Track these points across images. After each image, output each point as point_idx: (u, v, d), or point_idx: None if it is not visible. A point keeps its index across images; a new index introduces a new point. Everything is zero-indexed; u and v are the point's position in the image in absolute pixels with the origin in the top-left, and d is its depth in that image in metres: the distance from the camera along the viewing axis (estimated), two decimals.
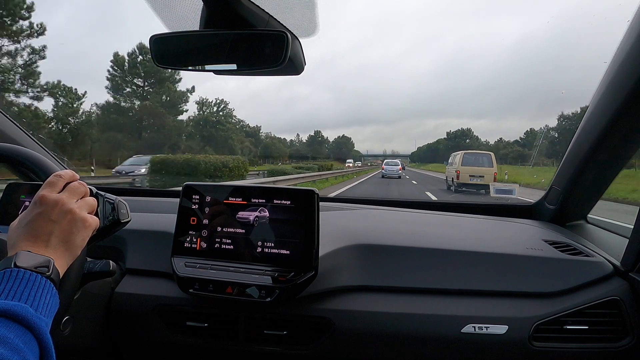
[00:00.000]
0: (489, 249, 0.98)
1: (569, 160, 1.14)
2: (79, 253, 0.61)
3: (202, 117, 40.99)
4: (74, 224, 0.60)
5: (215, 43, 0.78)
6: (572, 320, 0.86)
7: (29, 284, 0.51)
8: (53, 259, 0.56)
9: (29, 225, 0.57)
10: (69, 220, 0.59)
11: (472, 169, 11.57)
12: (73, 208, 0.60)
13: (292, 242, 0.85)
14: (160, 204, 1.30)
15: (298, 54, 0.78)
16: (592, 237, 1.16)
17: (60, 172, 0.65)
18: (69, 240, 0.59)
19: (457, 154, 12.46)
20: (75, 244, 0.60)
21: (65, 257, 0.59)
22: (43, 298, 0.51)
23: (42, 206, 0.59)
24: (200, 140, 39.15)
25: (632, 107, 0.88)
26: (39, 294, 0.51)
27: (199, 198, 0.91)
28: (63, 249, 0.58)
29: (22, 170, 1.31)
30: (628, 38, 0.85)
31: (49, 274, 0.54)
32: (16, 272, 0.51)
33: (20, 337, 0.45)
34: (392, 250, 0.96)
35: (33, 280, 0.52)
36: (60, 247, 0.58)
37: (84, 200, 0.65)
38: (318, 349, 0.88)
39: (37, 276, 0.52)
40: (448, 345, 0.86)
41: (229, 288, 0.82)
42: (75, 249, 0.61)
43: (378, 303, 0.89)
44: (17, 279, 0.51)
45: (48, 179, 0.63)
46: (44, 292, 0.52)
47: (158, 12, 0.78)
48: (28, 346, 0.45)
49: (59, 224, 0.58)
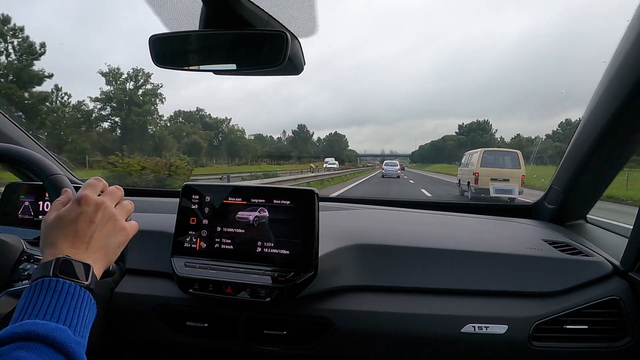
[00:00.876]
0: (489, 249, 0.98)
1: (568, 160, 1.14)
2: (113, 260, 0.59)
3: (114, 95, 28.58)
4: (114, 230, 0.58)
5: (214, 43, 0.78)
6: (572, 320, 0.86)
7: (68, 298, 0.48)
8: (92, 265, 0.53)
9: (70, 225, 0.55)
10: (110, 225, 0.58)
11: (494, 170, 9.31)
12: (115, 213, 0.59)
13: (291, 242, 0.85)
14: (160, 204, 1.30)
15: (298, 53, 0.78)
16: (591, 236, 1.16)
17: (97, 177, 0.64)
18: (107, 245, 0.57)
19: (474, 153, 10.41)
20: (113, 250, 0.58)
21: (103, 263, 0.56)
22: (82, 315, 0.48)
23: (85, 206, 0.56)
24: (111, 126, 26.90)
25: (632, 106, 0.88)
26: (77, 309, 0.48)
27: (198, 198, 0.91)
28: (102, 253, 0.56)
29: (21, 170, 1.31)
30: (628, 38, 0.85)
31: (88, 284, 0.51)
32: (55, 282, 0.48)
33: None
34: (392, 250, 0.96)
35: (72, 292, 0.48)
36: (100, 251, 0.56)
37: (121, 205, 0.63)
38: (318, 348, 0.88)
39: (76, 288, 0.49)
40: (448, 345, 0.86)
41: (228, 288, 0.82)
42: (112, 256, 0.58)
43: (378, 303, 0.89)
44: (56, 291, 0.47)
45: (88, 180, 0.61)
46: (83, 307, 0.49)
47: (157, 11, 0.78)
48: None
49: (100, 228, 0.56)
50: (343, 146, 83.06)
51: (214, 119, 51.76)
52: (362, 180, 18.43)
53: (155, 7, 0.77)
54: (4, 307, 0.65)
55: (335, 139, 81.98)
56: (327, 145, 79.39)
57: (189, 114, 48.96)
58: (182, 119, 46.48)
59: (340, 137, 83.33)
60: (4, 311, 0.64)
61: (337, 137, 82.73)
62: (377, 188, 14.19)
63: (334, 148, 77.80)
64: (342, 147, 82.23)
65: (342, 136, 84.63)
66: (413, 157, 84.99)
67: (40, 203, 0.99)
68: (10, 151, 0.71)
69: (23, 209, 1.00)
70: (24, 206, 1.00)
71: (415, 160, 79.65)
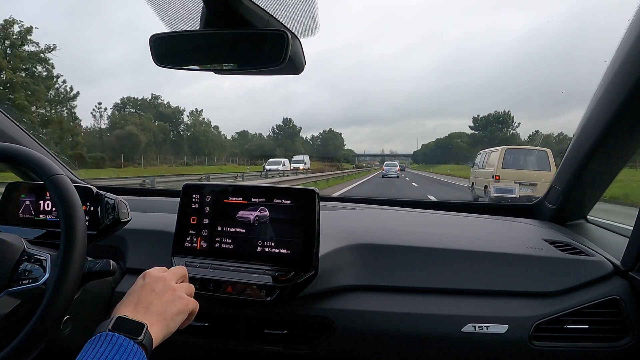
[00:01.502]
0: (489, 249, 0.98)
1: (569, 159, 1.14)
2: (172, 329, 0.63)
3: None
4: (174, 300, 0.64)
5: (215, 42, 0.78)
6: (572, 320, 0.86)
7: (120, 350, 0.52)
8: (148, 324, 0.57)
9: (132, 294, 0.63)
10: (170, 295, 0.64)
11: (519, 173, 7.54)
12: (174, 286, 0.66)
13: (292, 241, 0.85)
14: (160, 203, 1.30)
15: (298, 53, 0.78)
16: (592, 236, 1.16)
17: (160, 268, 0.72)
18: (166, 312, 0.62)
19: (493, 152, 8.53)
20: (172, 318, 0.63)
21: (161, 327, 0.60)
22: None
23: (147, 279, 0.65)
24: None
25: (632, 106, 0.88)
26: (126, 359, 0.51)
27: (199, 198, 0.91)
28: (160, 317, 0.61)
29: (22, 169, 1.31)
30: (628, 37, 0.85)
31: (141, 340, 0.54)
32: (110, 336, 0.53)
33: None
34: (392, 250, 0.96)
35: (125, 346, 0.52)
36: (158, 315, 0.61)
37: (184, 283, 0.71)
38: (318, 348, 0.88)
39: (129, 342, 0.53)
40: (448, 345, 0.86)
41: (229, 287, 0.82)
42: (171, 324, 0.63)
43: (378, 303, 0.89)
44: (109, 344, 0.52)
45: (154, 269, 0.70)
46: (134, 358, 0.52)
47: (158, 11, 0.78)
48: None
49: (159, 296, 0.63)
50: (339, 144, 75.17)
51: (173, 108, 43.55)
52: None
53: (156, 7, 0.77)
54: (4, 307, 0.65)
55: (329, 137, 73.53)
56: (322, 143, 71.96)
57: (142, 103, 41.87)
58: (132, 107, 40.33)
59: (335, 135, 75.04)
60: (4, 311, 0.64)
61: (332, 135, 74.34)
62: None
63: (328, 147, 70.42)
64: (338, 146, 74.26)
65: (337, 134, 76.56)
66: (415, 156, 77.12)
67: (41, 202, 0.99)
68: (11, 150, 0.71)
69: (24, 209, 1.00)
70: (25, 205, 1.00)
71: (417, 161, 72.19)
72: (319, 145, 71.57)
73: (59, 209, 0.66)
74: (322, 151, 67.50)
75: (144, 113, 40.11)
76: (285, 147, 58.24)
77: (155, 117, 41.37)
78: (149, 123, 37.35)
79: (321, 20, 0.76)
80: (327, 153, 65.06)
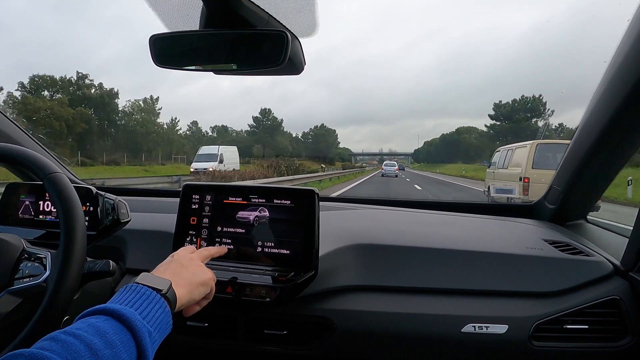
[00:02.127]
0: (489, 249, 0.98)
1: (569, 159, 1.14)
2: (197, 298, 0.67)
3: None
4: (199, 271, 0.69)
5: (215, 43, 0.78)
6: (572, 320, 0.86)
7: (142, 297, 0.55)
8: (172, 282, 0.60)
9: (164, 265, 0.67)
10: (197, 268, 0.69)
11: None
12: (201, 264, 0.71)
13: (292, 241, 0.85)
14: (160, 204, 1.30)
15: (298, 53, 0.78)
16: (592, 236, 1.16)
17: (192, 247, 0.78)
18: (192, 279, 0.66)
19: (519, 148, 6.97)
20: (197, 286, 0.66)
21: (186, 291, 0.63)
22: (153, 311, 0.54)
23: (176, 256, 0.70)
24: None
25: (632, 106, 0.88)
26: (149, 306, 0.54)
27: (199, 198, 0.91)
28: (186, 282, 0.64)
29: (21, 169, 1.31)
30: (628, 37, 0.85)
31: (165, 292, 0.58)
32: (135, 286, 0.56)
33: (118, 335, 0.47)
34: (392, 250, 0.96)
35: (147, 294, 0.55)
36: (184, 280, 0.64)
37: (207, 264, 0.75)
38: (318, 348, 0.88)
39: (151, 292, 0.56)
40: (448, 345, 0.86)
41: (229, 288, 0.82)
42: (195, 291, 0.66)
43: (378, 303, 0.89)
44: (133, 292, 0.55)
45: (187, 246, 0.76)
46: (155, 306, 0.55)
47: (157, 11, 0.78)
48: (124, 345, 0.47)
49: (187, 268, 0.67)
50: (331, 142, 66.65)
51: (105, 90, 33.15)
52: None
53: (156, 7, 0.77)
54: (6, 306, 0.65)
55: (321, 134, 65.21)
56: (313, 140, 64.13)
57: (63, 83, 32.20)
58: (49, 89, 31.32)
59: (328, 132, 66.75)
60: (5, 310, 0.64)
61: (324, 132, 65.79)
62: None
63: (319, 144, 62.16)
64: (330, 144, 65.73)
65: (331, 131, 67.77)
66: (417, 155, 69.27)
67: (40, 203, 0.99)
68: (8, 150, 0.71)
69: (23, 209, 1.00)
70: (25, 206, 1.00)
71: (419, 160, 64.82)
72: (310, 143, 63.71)
73: (58, 206, 0.66)
74: (313, 149, 59.27)
75: (59, 95, 31.24)
76: (265, 144, 50.09)
77: (77, 100, 31.85)
78: (60, 108, 28.01)
79: (321, 18, 0.76)
80: (319, 152, 57.95)
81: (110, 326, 0.47)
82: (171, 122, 44.27)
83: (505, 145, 8.02)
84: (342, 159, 58.45)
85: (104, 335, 0.46)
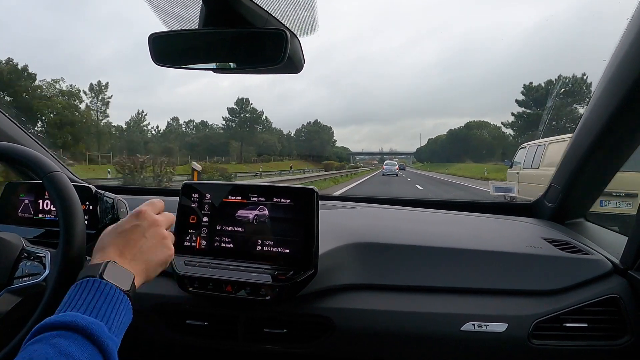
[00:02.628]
0: (489, 247, 0.98)
1: (568, 158, 1.14)
2: (152, 277, 0.62)
3: None
4: (161, 248, 0.63)
5: (214, 41, 0.78)
6: (572, 318, 0.87)
7: (107, 298, 0.51)
8: (135, 274, 0.57)
9: (124, 233, 0.60)
10: (159, 243, 0.63)
11: (624, 176, 3.72)
12: (165, 233, 0.65)
13: (291, 240, 0.85)
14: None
15: (297, 52, 0.78)
16: (591, 235, 1.17)
17: (160, 199, 0.70)
18: (150, 262, 0.61)
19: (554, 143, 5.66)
20: (154, 267, 0.62)
21: (142, 276, 0.60)
22: (119, 316, 0.51)
23: (141, 220, 0.62)
24: None
25: (632, 105, 0.88)
26: (115, 310, 0.51)
27: (198, 197, 0.91)
28: (143, 267, 0.60)
29: (21, 169, 1.31)
30: (627, 36, 0.85)
31: (128, 291, 0.55)
32: (101, 284, 0.52)
33: (85, 353, 0.44)
34: (392, 249, 0.96)
35: (113, 295, 0.52)
36: (142, 264, 0.60)
37: (169, 232, 0.68)
38: (318, 347, 0.88)
39: (118, 292, 0.53)
40: (448, 344, 0.86)
41: (228, 286, 0.82)
42: (152, 272, 0.62)
43: (378, 301, 0.89)
44: (98, 291, 0.51)
45: (151, 199, 0.68)
46: (120, 309, 0.52)
47: (157, 10, 0.78)
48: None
49: (149, 242, 0.61)
50: (326, 140, 58.68)
51: (11, 65, 25.77)
52: None
53: (155, 6, 0.77)
54: (5, 305, 0.65)
55: (315, 130, 56.81)
56: (306, 138, 55.79)
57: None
58: None
59: (322, 129, 58.38)
60: (5, 309, 0.64)
61: (318, 129, 57.37)
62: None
63: (313, 142, 54.17)
64: (326, 142, 58.22)
65: (325, 127, 59.95)
66: (419, 154, 63.04)
67: (40, 202, 0.99)
68: (8, 149, 0.71)
69: (23, 208, 1.00)
70: (24, 205, 1.00)
71: (422, 159, 58.96)
72: (303, 141, 55.47)
73: (57, 205, 0.66)
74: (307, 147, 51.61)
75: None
76: (242, 139, 41.27)
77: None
78: None
79: (320, 16, 0.75)
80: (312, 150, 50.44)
81: (80, 349, 0.44)
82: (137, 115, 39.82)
83: (532, 141, 6.63)
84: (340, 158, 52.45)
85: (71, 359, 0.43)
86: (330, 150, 58.03)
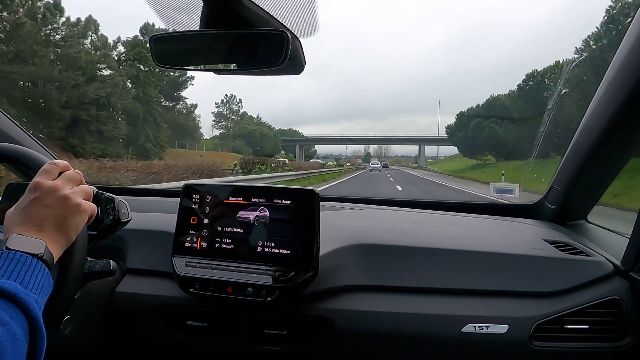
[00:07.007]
0: (490, 249, 0.97)
1: (569, 159, 1.13)
2: (73, 237, 0.61)
3: None
4: (69, 210, 0.60)
5: (215, 43, 0.78)
6: (573, 320, 0.86)
7: (19, 264, 0.51)
8: (46, 242, 0.56)
9: (23, 210, 0.58)
10: (63, 206, 0.60)
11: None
12: (67, 194, 0.61)
13: (292, 241, 0.85)
14: (160, 203, 1.30)
15: (298, 53, 0.78)
16: (592, 236, 1.16)
17: (55, 160, 0.66)
18: (62, 225, 0.59)
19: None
20: (69, 228, 0.60)
21: (60, 242, 0.59)
22: (34, 277, 0.52)
23: (37, 192, 0.59)
24: None
25: (633, 106, 0.88)
26: (29, 273, 0.52)
27: (199, 198, 0.91)
28: (56, 233, 0.58)
29: (21, 168, 1.31)
30: (629, 37, 0.85)
31: (41, 255, 0.54)
32: (7, 253, 0.52)
33: (7, 311, 0.45)
34: (392, 250, 0.96)
35: (23, 260, 0.52)
36: (54, 231, 0.58)
37: (79, 187, 0.65)
38: (318, 348, 0.88)
39: (27, 257, 0.53)
40: (448, 345, 0.86)
41: (229, 287, 0.82)
42: (70, 233, 0.61)
43: (378, 303, 0.89)
44: (7, 260, 0.51)
45: (43, 166, 0.64)
46: (35, 272, 0.52)
47: (158, 11, 0.78)
48: (15, 320, 0.46)
49: (53, 209, 0.59)
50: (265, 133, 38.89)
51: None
52: None
53: (156, 7, 0.77)
54: None
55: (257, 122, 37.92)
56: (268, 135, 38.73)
57: None
58: None
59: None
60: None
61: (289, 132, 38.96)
62: None
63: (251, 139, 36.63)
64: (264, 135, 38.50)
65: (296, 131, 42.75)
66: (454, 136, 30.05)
67: None
68: (8, 149, 0.71)
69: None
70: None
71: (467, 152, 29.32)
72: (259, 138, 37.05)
73: None
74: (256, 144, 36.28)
75: None
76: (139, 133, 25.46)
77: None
78: None
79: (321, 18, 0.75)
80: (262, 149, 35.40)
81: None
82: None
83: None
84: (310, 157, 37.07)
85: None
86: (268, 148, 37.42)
